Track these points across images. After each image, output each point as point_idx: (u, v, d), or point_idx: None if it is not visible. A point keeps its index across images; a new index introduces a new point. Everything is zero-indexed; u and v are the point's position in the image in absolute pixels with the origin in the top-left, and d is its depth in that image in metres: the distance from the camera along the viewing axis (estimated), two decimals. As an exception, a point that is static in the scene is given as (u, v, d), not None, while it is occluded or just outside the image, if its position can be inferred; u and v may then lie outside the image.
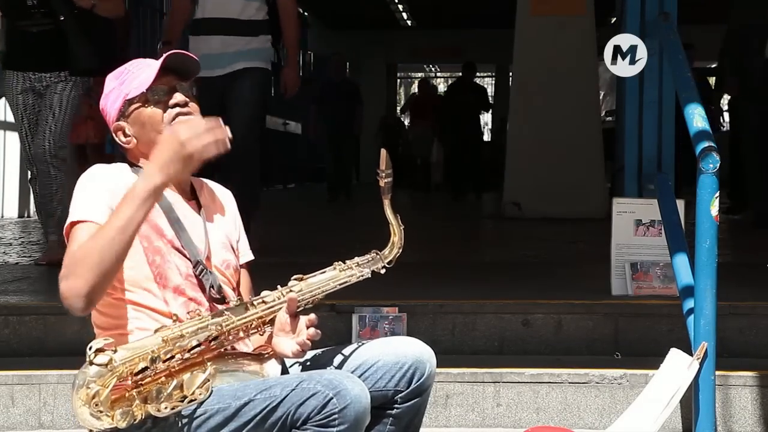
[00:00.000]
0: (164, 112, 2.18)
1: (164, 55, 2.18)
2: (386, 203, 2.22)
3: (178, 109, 2.18)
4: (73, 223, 2.09)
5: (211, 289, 2.16)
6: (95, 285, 1.96)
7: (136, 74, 2.20)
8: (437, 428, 3.27)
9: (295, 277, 2.19)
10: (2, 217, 8.73)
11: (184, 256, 2.16)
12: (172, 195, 2.21)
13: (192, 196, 2.28)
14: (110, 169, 2.20)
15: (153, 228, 2.14)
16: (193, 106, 2.21)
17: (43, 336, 3.58)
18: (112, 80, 2.24)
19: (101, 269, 1.96)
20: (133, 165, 2.23)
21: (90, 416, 1.89)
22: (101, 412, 1.88)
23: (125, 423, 1.92)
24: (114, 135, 2.23)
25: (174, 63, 2.20)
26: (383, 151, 2.22)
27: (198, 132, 2.00)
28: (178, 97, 2.19)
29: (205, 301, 2.15)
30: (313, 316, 2.13)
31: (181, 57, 2.22)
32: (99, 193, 2.10)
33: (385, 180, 2.21)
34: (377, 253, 2.25)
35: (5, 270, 5.00)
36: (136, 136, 2.21)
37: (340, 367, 2.20)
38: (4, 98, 8.65)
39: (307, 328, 2.11)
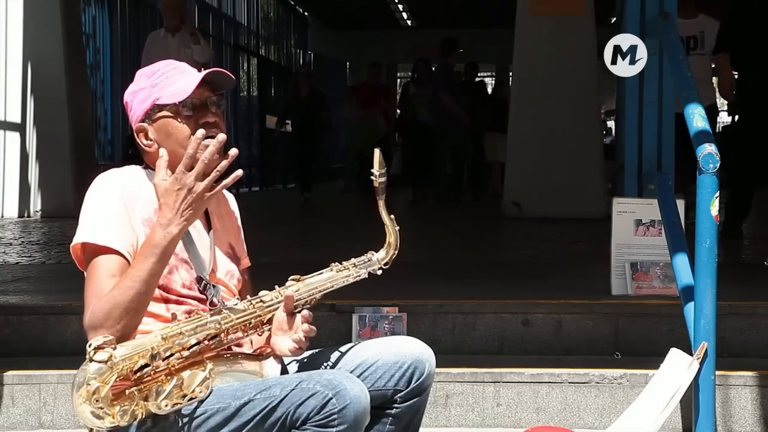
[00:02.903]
0: (194, 128, 2.13)
1: (205, 72, 2.16)
2: (381, 204, 2.21)
3: (206, 129, 2.13)
4: (93, 248, 2.06)
5: (214, 299, 2.16)
6: (124, 333, 1.98)
7: (171, 80, 2.16)
8: (437, 428, 3.27)
9: (292, 277, 2.19)
10: (2, 217, 8.73)
11: (191, 268, 2.16)
12: None
13: None
14: (124, 176, 2.16)
15: None
16: (221, 125, 2.18)
17: (43, 336, 3.58)
18: (143, 78, 2.20)
19: (127, 320, 1.98)
20: (148, 167, 2.21)
21: (91, 414, 1.89)
22: (102, 409, 1.89)
23: (125, 421, 1.93)
24: (135, 134, 2.20)
25: (210, 75, 2.17)
26: (377, 152, 2.21)
27: (201, 172, 1.99)
28: (209, 117, 2.15)
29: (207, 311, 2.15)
30: (306, 312, 2.13)
31: (219, 73, 2.18)
32: (114, 210, 2.07)
33: (379, 180, 2.21)
34: (373, 254, 2.25)
35: (5, 270, 5.00)
36: (159, 143, 2.17)
37: (339, 366, 2.20)
38: (5, 96, 8.76)
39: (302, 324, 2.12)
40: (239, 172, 2.03)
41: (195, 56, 7.78)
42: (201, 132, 2.05)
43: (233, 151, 2.02)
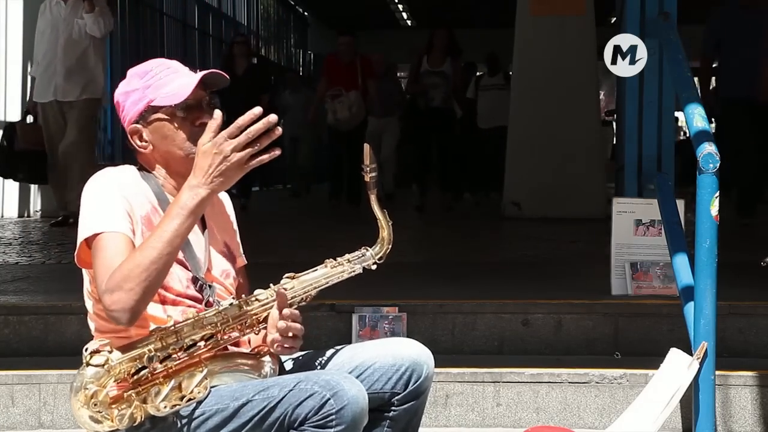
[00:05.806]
0: (189, 130, 2.13)
1: (201, 74, 2.14)
2: (373, 198, 2.19)
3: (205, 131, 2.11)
4: (97, 235, 2.03)
5: (210, 300, 2.16)
6: (141, 298, 1.94)
7: (165, 81, 2.14)
8: (437, 428, 3.27)
9: (287, 275, 2.18)
10: (2, 217, 8.72)
11: (186, 268, 2.15)
12: None
13: None
14: (120, 174, 2.14)
15: None
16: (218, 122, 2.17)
17: (43, 336, 3.58)
18: (135, 78, 2.18)
19: (148, 283, 1.94)
20: (143, 169, 2.19)
21: (89, 418, 1.89)
22: (100, 413, 1.89)
23: (125, 425, 1.92)
24: (129, 136, 2.18)
25: (205, 76, 2.16)
26: (366, 146, 2.19)
27: (242, 143, 1.94)
28: (205, 117, 2.12)
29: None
30: (287, 311, 2.10)
31: (214, 74, 2.17)
32: (115, 201, 2.06)
33: (370, 175, 2.18)
34: (367, 249, 2.24)
35: (5, 270, 5.00)
36: (154, 144, 2.16)
37: (336, 367, 2.19)
38: (5, 96, 8.75)
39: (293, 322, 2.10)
40: (277, 152, 1.98)
41: (88, 29, 6.89)
42: (258, 109, 1.97)
43: (272, 117, 1.95)
